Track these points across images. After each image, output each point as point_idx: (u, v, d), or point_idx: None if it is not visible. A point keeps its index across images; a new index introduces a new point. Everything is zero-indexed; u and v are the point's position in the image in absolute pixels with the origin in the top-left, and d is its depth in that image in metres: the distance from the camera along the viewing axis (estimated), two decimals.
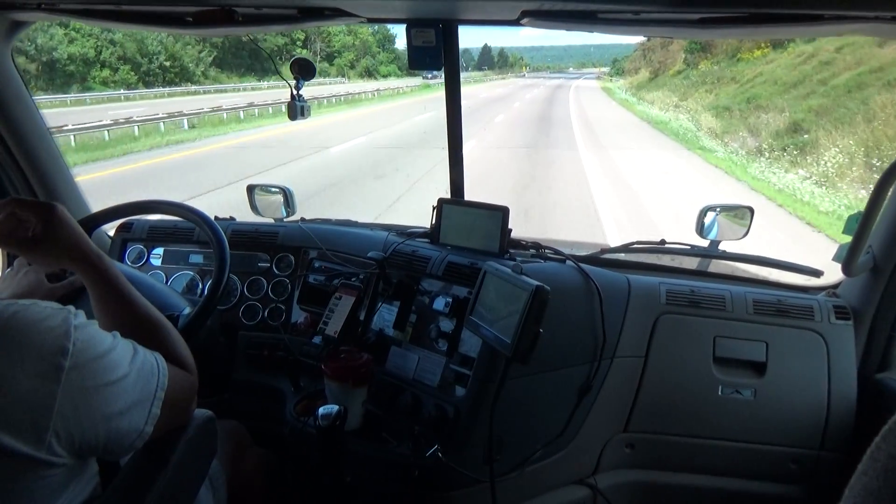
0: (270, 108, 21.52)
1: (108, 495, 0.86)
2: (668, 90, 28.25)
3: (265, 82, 41.19)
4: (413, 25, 1.54)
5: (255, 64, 46.87)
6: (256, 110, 20.80)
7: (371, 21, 1.59)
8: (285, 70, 1.61)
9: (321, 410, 1.20)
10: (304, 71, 1.60)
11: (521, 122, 20.33)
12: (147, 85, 37.41)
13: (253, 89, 36.34)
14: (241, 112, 20.11)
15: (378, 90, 34.11)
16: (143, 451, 0.85)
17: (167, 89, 34.67)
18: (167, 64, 40.14)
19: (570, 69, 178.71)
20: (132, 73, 38.17)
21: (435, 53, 1.57)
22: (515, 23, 1.47)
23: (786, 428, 1.54)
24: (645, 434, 1.60)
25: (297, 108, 1.64)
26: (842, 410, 1.51)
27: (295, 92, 1.62)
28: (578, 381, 1.49)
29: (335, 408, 1.20)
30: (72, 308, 0.78)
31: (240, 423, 1.50)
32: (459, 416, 1.36)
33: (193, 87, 36.80)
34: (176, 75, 40.78)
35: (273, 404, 1.60)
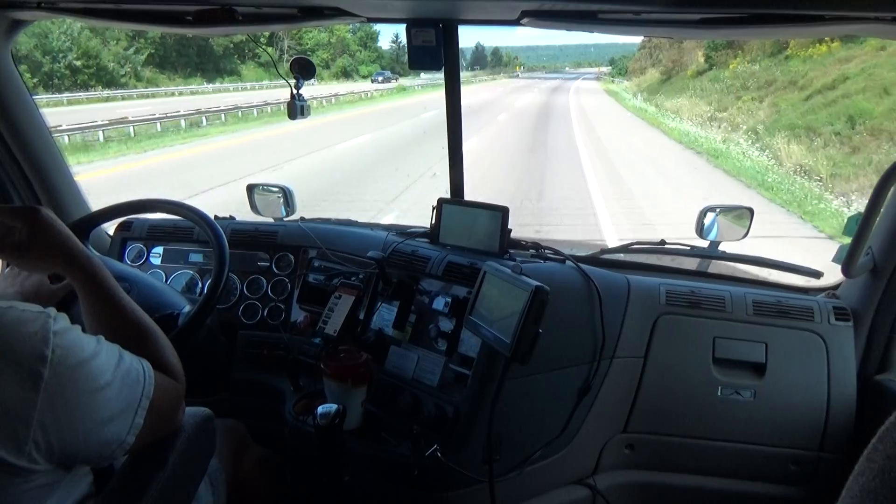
0: (159, 125, 15.97)
1: (106, 495, 0.86)
2: (694, 96, 22.20)
3: (212, 85, 35.33)
4: (413, 25, 1.54)
5: (204, 63, 40.88)
6: (131, 129, 15.21)
7: (371, 21, 1.59)
8: (247, 69, 1.60)
9: (320, 409, 1.20)
10: (303, 70, 1.61)
11: (503, 159, 12.21)
12: (49, 89, 28.92)
13: (193, 93, 30.32)
14: (103, 133, 14.18)
15: (336, 95, 27.74)
16: (141, 450, 0.84)
17: (66, 96, 26.35)
18: (79, 63, 31.71)
19: (567, 68, 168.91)
20: (28, 75, 27.95)
21: (435, 53, 1.57)
22: (515, 23, 1.47)
23: (785, 429, 1.54)
24: (644, 435, 1.60)
25: (296, 108, 1.65)
26: (841, 412, 1.51)
27: (295, 91, 1.63)
28: (578, 382, 1.49)
29: (334, 407, 1.20)
30: (51, 311, 0.76)
31: (239, 422, 1.50)
32: (459, 416, 1.36)
33: (107, 93, 29.24)
34: (91, 77, 32.31)
35: (272, 403, 1.60)
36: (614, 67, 74.41)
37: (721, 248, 1.78)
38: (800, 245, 6.78)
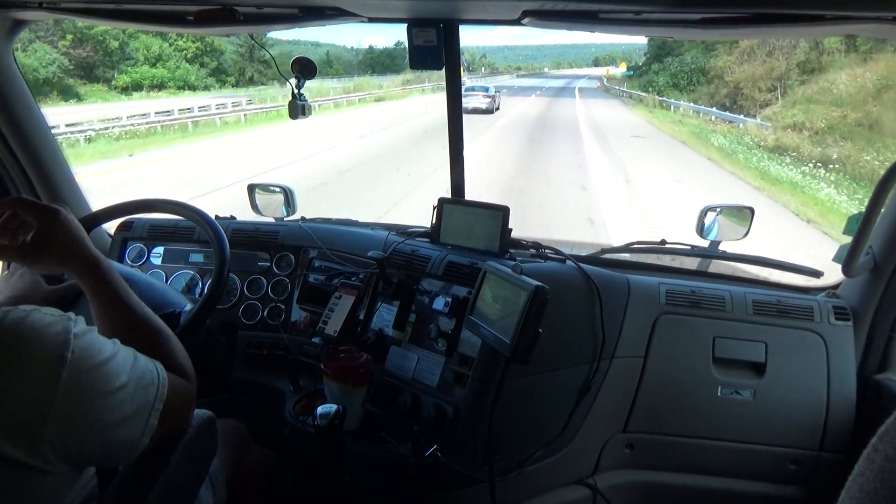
0: None
1: (109, 496, 0.86)
2: None
3: None
4: (414, 25, 1.54)
5: None
6: None
7: (372, 21, 1.59)
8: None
9: (320, 410, 1.20)
10: (304, 70, 1.61)
11: None
12: None
13: None
14: None
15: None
16: (143, 452, 0.85)
17: None
18: None
19: (546, 69, 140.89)
20: None
21: (436, 53, 1.58)
22: (516, 22, 1.47)
23: (785, 428, 1.54)
24: (644, 434, 1.60)
25: (297, 108, 1.65)
26: (841, 411, 1.51)
27: (296, 91, 1.63)
28: (578, 382, 1.49)
29: (334, 407, 1.20)
30: (72, 315, 0.76)
31: (240, 423, 1.50)
32: (459, 417, 1.36)
33: None
34: None
35: (272, 404, 1.60)
36: (663, 73, 33.48)
37: (721, 247, 1.78)
38: None
